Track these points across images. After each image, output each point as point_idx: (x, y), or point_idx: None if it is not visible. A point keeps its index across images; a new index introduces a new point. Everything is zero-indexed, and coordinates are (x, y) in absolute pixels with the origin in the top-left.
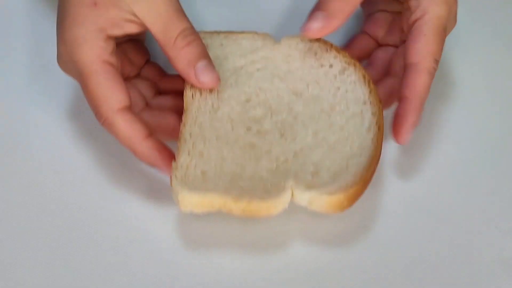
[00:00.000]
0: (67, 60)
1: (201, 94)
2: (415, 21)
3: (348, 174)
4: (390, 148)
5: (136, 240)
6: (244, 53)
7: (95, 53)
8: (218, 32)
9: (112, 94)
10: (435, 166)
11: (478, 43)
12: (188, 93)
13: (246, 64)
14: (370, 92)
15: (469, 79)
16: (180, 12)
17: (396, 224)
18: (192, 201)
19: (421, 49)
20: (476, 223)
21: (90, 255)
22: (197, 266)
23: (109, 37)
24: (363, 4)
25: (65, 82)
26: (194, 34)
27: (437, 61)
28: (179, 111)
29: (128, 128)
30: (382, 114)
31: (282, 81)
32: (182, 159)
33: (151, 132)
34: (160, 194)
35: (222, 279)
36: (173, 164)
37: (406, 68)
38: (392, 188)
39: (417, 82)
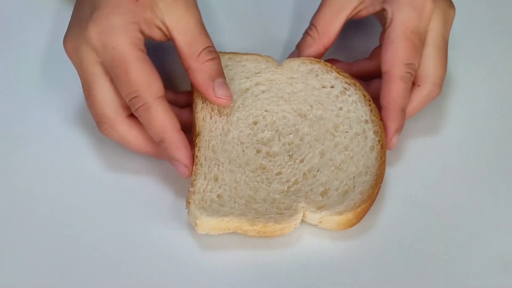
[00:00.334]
0: (98, 46)
1: (211, 117)
2: (386, 29)
3: (355, 193)
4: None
5: (149, 241)
6: (249, 75)
7: (133, 42)
8: (223, 53)
9: (154, 81)
10: (435, 166)
11: (478, 42)
12: (199, 116)
13: (252, 86)
14: (371, 111)
15: (469, 79)
16: (205, 30)
17: (396, 223)
18: (209, 225)
19: (390, 57)
20: (476, 223)
21: (101, 257)
22: (210, 263)
23: (142, 32)
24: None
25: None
26: (216, 53)
27: (409, 65)
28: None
29: (166, 116)
30: (384, 132)
31: (287, 103)
32: (199, 183)
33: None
34: (172, 195)
35: (235, 274)
36: (191, 189)
37: (382, 77)
38: (394, 188)
39: (391, 90)
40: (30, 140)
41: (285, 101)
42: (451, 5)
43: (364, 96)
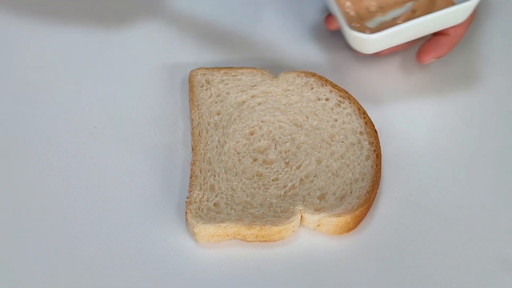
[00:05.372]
0: None
1: (207, 131)
2: None
3: (352, 197)
4: (391, 148)
5: (147, 241)
6: (245, 89)
7: None
8: (218, 68)
9: None
10: (435, 166)
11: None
12: (195, 131)
13: (248, 99)
14: (366, 123)
15: (468, 79)
16: None
17: (396, 223)
18: (207, 232)
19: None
20: (476, 223)
21: (100, 257)
22: (210, 262)
23: None
24: None
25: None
26: None
27: None
28: None
29: None
30: (379, 143)
31: (283, 114)
32: (195, 194)
33: None
34: (172, 195)
35: (234, 273)
36: (187, 199)
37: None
38: (393, 188)
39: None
40: (30, 140)
41: (281, 112)
42: None
43: (359, 109)
